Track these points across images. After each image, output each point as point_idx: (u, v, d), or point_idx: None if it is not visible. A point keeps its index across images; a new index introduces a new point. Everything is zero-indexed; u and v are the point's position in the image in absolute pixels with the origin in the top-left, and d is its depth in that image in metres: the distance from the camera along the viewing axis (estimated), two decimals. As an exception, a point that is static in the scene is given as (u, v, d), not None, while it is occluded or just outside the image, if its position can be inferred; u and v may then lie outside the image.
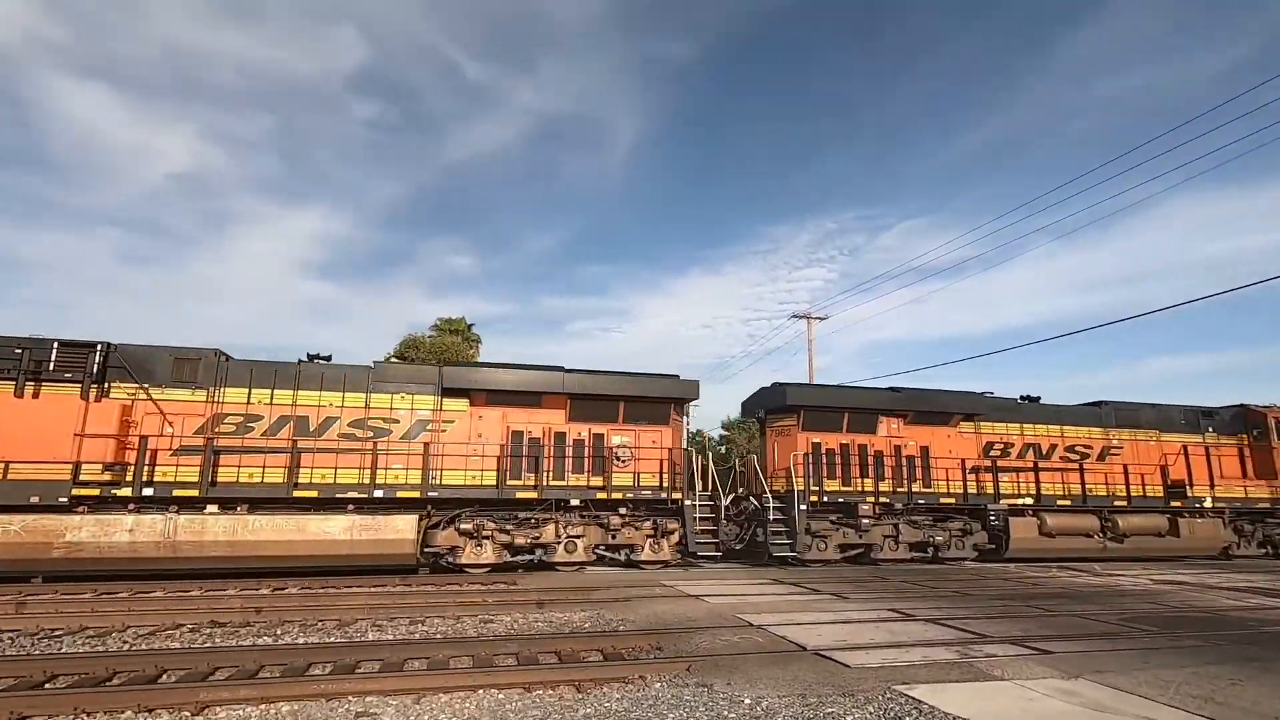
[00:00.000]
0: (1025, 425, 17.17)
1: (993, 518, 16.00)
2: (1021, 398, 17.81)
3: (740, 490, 16.76)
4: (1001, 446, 16.79)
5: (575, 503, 13.81)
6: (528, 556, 13.82)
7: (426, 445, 13.16)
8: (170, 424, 12.18)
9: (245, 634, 7.95)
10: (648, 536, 14.25)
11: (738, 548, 15.65)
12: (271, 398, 12.86)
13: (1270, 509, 18.21)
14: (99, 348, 12.06)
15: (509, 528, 13.48)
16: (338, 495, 12.58)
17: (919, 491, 15.88)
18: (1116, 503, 17.00)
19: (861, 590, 11.46)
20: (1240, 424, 18.65)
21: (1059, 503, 16.63)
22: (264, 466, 12.39)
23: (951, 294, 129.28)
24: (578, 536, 13.77)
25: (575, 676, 5.81)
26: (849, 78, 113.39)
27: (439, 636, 7.76)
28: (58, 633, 7.85)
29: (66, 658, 6.34)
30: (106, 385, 12.09)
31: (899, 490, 15.72)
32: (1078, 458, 17.23)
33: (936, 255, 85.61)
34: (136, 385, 12.20)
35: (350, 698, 5.35)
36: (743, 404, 18.32)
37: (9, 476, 11.16)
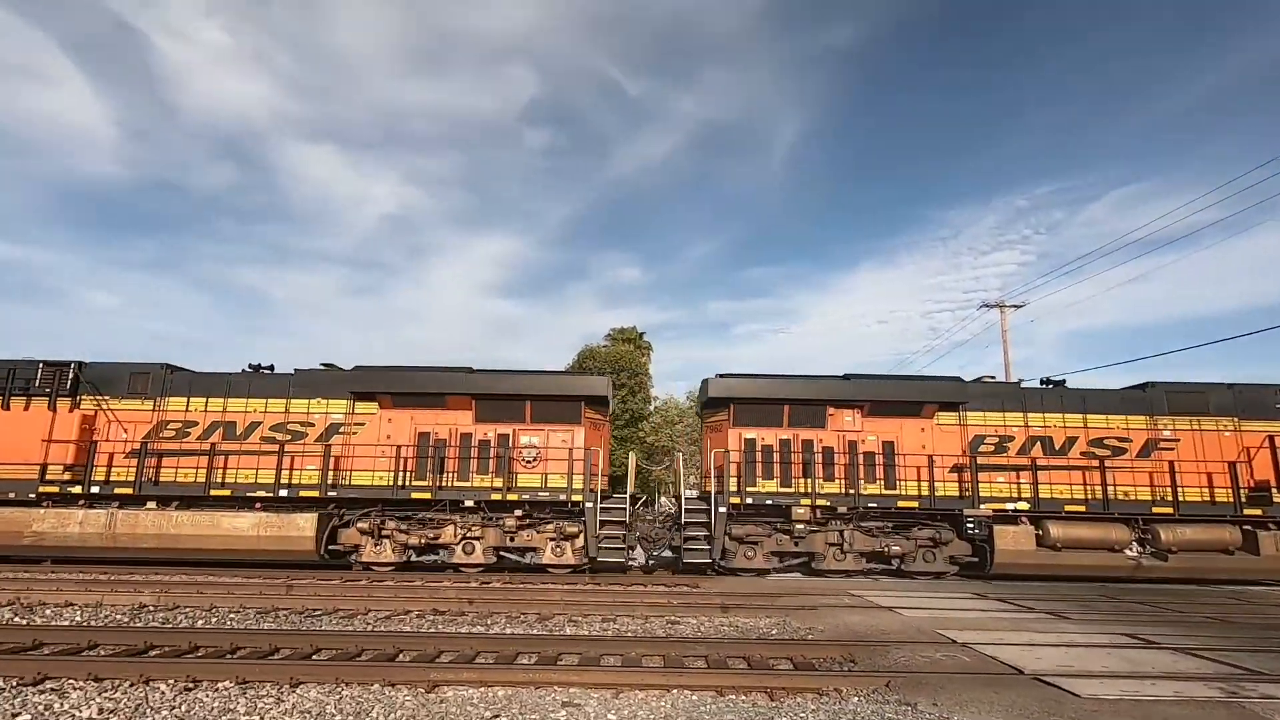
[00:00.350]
0: (1031, 414, 14.28)
1: (970, 525, 13.46)
2: (1043, 381, 14.96)
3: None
4: (995, 441, 14.10)
5: (469, 504, 13.56)
6: (432, 556, 13.99)
7: (328, 447, 13.66)
8: (125, 430, 13.93)
9: (461, 622, 8.82)
10: (550, 540, 13.59)
11: (656, 554, 14.86)
12: (206, 406, 14.20)
13: None
14: (71, 366, 14.12)
15: (406, 527, 13.61)
16: (247, 495, 13.54)
17: (871, 494, 13.76)
18: (1157, 509, 13.52)
19: (1086, 611, 10.13)
20: None
21: (1067, 508, 13.58)
22: (196, 468, 13.67)
23: (1183, 268, 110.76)
24: (476, 538, 13.62)
25: (767, 683, 5.74)
26: (1029, 43, 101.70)
27: (630, 635, 8.06)
28: (317, 613, 9.25)
29: (325, 634, 7.44)
30: (79, 398, 14.09)
31: (850, 492, 13.70)
32: (1107, 452, 13.92)
33: (1161, 225, 73.66)
34: (100, 397, 14.16)
35: (555, 688, 5.72)
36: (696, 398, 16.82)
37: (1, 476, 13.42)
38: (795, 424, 14.22)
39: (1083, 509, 13.59)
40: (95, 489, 13.60)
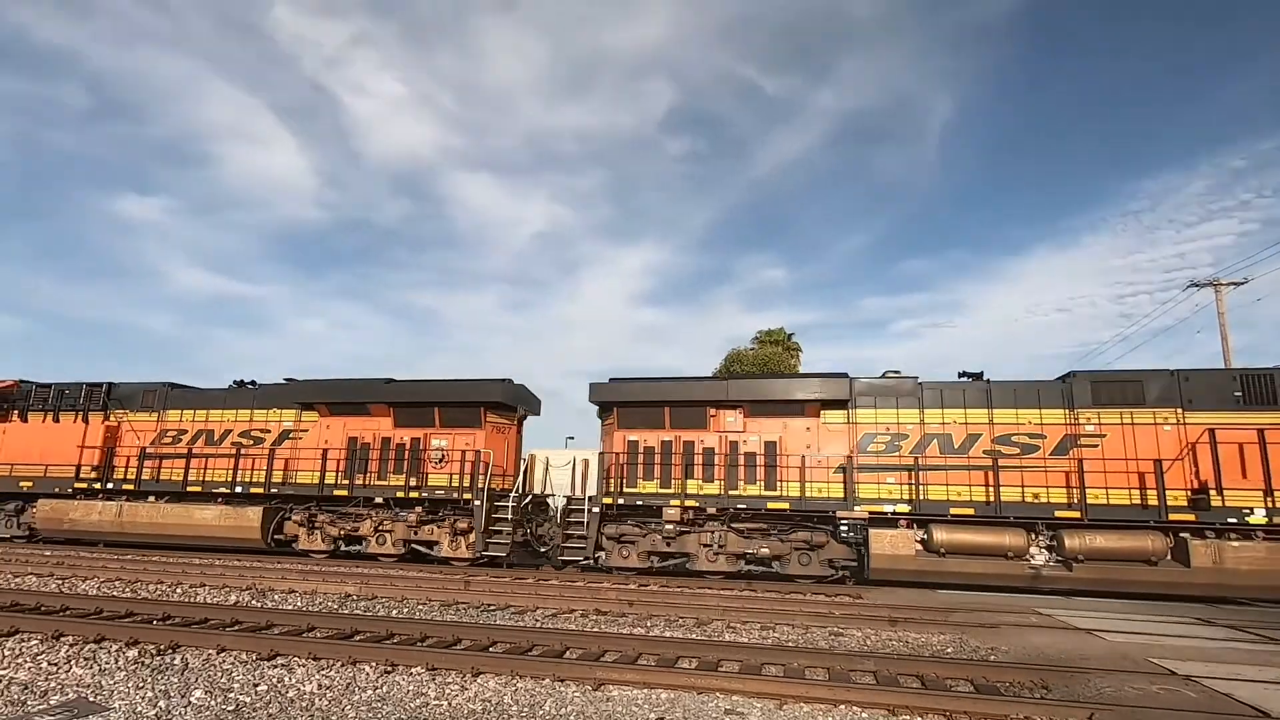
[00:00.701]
0: (929, 411, 13.29)
1: (843, 528, 12.83)
2: (961, 374, 13.71)
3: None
4: (887, 439, 13.31)
5: (379, 500, 15.13)
6: (356, 546, 15.45)
7: (273, 451, 15.92)
8: (137, 437, 17.16)
9: (622, 623, 9.07)
10: (447, 534, 14.73)
11: (542, 550, 15.30)
12: (194, 417, 17.00)
13: None
14: (103, 387, 17.57)
15: (332, 520, 15.42)
16: (213, 491, 16.07)
17: (742, 495, 13.55)
18: (1061, 514, 12.23)
19: (1352, 645, 8.39)
20: None
21: (954, 511, 12.51)
22: (175, 469, 16.54)
23: None
24: (388, 531, 15.10)
25: (945, 706, 5.34)
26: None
27: (791, 645, 7.86)
28: (492, 607, 9.94)
29: (500, 628, 7.97)
30: (108, 412, 17.43)
31: (729, 493, 13.56)
32: (1015, 450, 12.79)
33: None
34: (122, 412, 17.46)
35: (718, 694, 5.70)
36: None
37: (48, 474, 17.18)
38: (677, 426, 14.32)
39: (969, 512, 12.59)
40: (110, 485, 16.84)
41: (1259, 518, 11.47)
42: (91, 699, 5.31)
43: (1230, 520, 11.59)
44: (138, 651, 6.64)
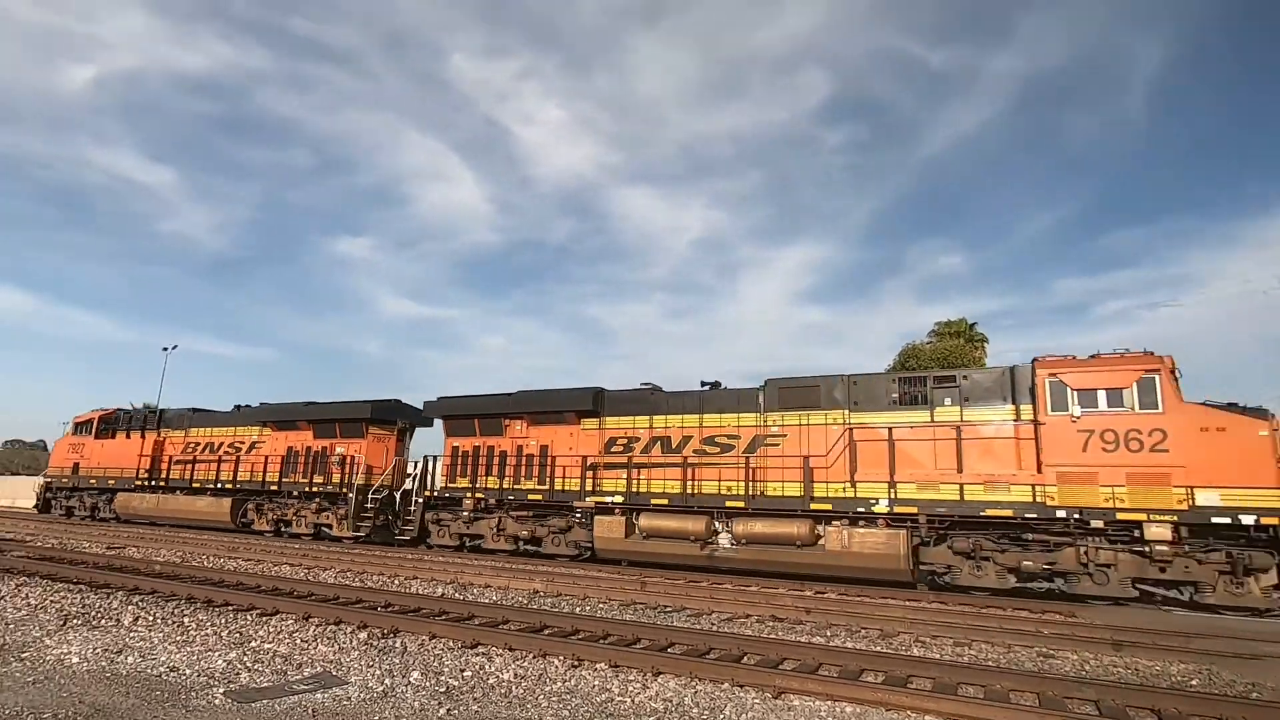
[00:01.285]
0: (657, 417, 15.66)
1: (578, 516, 15.81)
2: (704, 384, 15.66)
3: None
4: (625, 441, 15.87)
5: (294, 494, 20.54)
6: (287, 528, 20.82)
7: (237, 458, 22.05)
8: (172, 449, 23.79)
9: (800, 630, 8.84)
10: (336, 519, 19.59)
11: (396, 533, 18.67)
12: (204, 433, 23.46)
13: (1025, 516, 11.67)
14: (157, 412, 24.93)
15: (271, 509, 21.02)
16: (205, 487, 22.34)
17: (515, 488, 16.83)
18: (730, 503, 14.16)
19: None
20: (1007, 391, 12.58)
21: (654, 501, 14.92)
22: (191, 470, 22.92)
23: None
24: (303, 516, 20.31)
25: (1192, 748, 4.58)
26: None
27: (990, 664, 7.18)
28: (668, 609, 10.14)
29: (677, 630, 8.11)
30: (160, 431, 24.15)
31: (508, 486, 16.93)
32: (717, 449, 14.81)
33: None
34: (165, 430, 24.20)
35: (909, 712, 5.36)
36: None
37: (122, 475, 24.01)
38: (484, 434, 17.75)
39: (664, 502, 14.84)
40: (153, 482, 23.60)
41: (882, 507, 12.71)
42: (334, 674, 6.17)
43: (859, 510, 12.92)
44: (367, 634, 7.61)
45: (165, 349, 33.05)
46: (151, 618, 8.13)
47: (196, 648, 6.86)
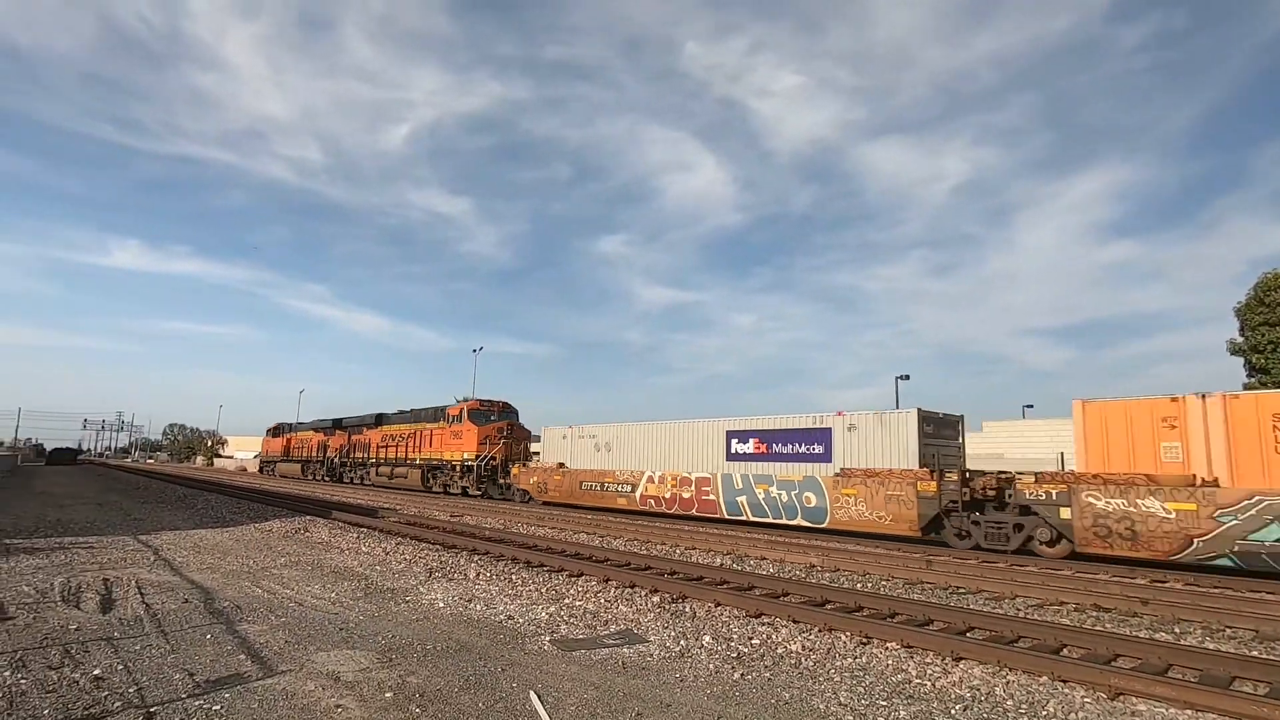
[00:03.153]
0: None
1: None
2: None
3: None
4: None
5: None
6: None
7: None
8: (293, 444, 47.00)
9: (1135, 624, 7.53)
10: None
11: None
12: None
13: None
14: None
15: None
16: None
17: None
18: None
19: None
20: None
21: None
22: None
23: None
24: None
25: None
26: None
27: None
28: (961, 590, 9.34)
29: (975, 613, 7.41)
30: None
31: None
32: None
33: None
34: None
35: (1312, 736, 4.25)
36: None
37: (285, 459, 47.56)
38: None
39: None
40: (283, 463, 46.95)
41: None
42: (635, 632, 6.81)
43: None
44: (659, 598, 8.25)
45: (474, 351, 50.66)
46: (489, 574, 9.77)
47: (524, 601, 8.09)
